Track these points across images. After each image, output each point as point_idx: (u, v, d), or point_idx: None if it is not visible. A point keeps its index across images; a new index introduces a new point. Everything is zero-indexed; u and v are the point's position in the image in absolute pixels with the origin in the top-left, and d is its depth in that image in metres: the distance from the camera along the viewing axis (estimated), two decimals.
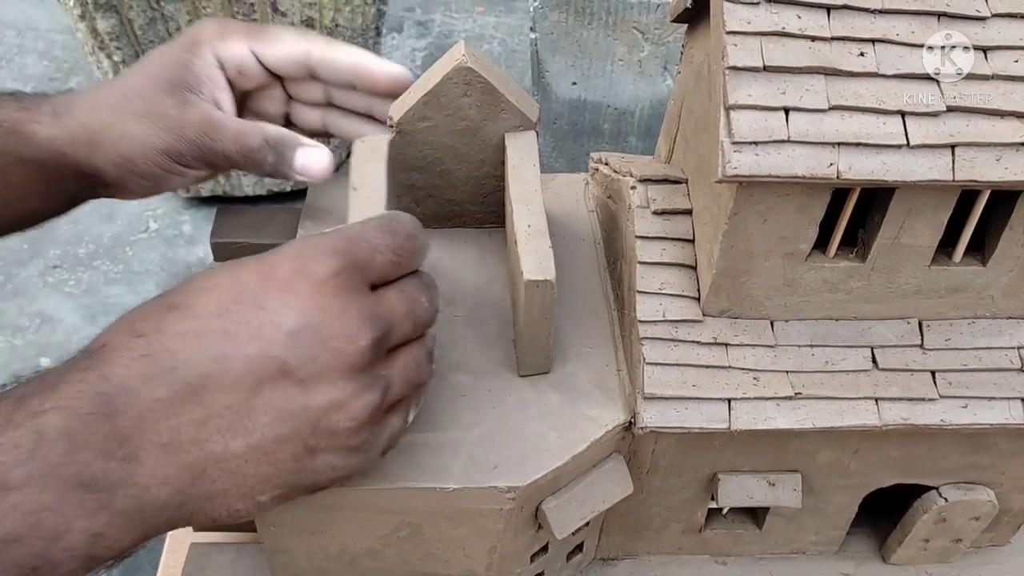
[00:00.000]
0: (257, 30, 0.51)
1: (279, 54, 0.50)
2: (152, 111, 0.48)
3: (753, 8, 0.38)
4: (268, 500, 0.36)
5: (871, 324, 0.45)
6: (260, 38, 0.50)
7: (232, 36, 0.50)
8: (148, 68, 0.50)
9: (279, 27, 0.51)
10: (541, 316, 0.42)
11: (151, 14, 1.03)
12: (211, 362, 0.33)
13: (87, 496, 0.32)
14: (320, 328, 0.34)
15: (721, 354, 0.44)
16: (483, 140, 0.48)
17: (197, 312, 0.34)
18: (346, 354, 0.34)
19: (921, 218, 0.41)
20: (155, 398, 0.33)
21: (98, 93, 0.50)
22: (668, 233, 0.46)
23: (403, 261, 0.37)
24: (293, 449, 0.35)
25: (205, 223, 1.33)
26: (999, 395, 0.44)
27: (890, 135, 0.37)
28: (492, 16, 1.78)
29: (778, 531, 0.53)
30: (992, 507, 0.50)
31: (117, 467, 0.32)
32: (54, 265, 1.27)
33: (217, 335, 0.33)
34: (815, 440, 0.46)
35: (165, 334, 0.34)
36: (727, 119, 0.37)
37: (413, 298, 0.38)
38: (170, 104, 0.48)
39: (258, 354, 0.33)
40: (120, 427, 0.32)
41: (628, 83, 1.00)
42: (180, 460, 0.33)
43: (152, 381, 0.33)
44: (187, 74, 0.49)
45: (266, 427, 0.34)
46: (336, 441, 0.35)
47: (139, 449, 0.33)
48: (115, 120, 0.48)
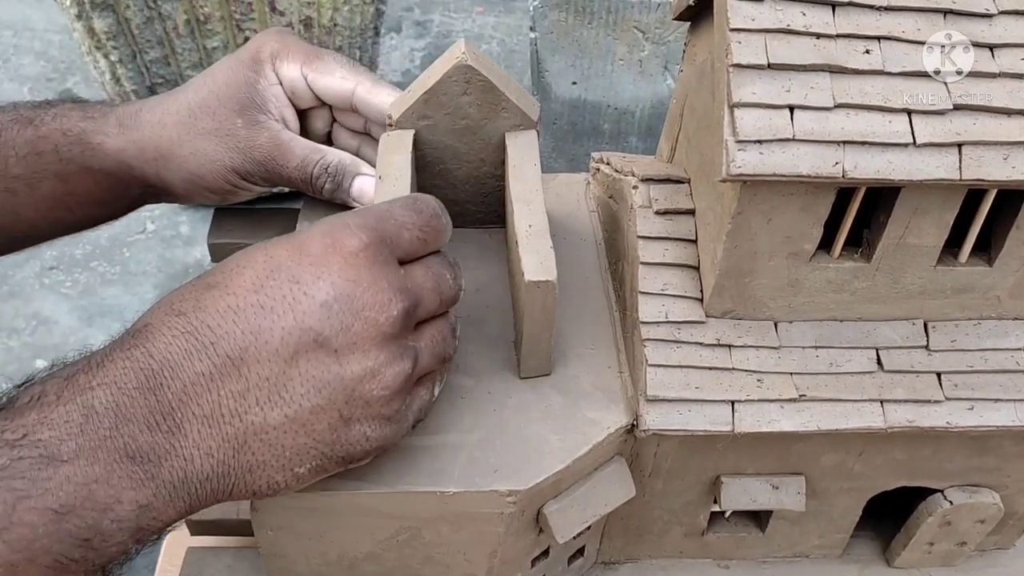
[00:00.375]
0: (313, 56, 0.52)
1: (328, 85, 0.52)
2: (222, 130, 0.50)
3: (757, 5, 0.37)
4: (306, 472, 0.37)
5: (876, 325, 0.44)
6: (314, 66, 0.52)
7: (289, 58, 0.52)
8: (214, 85, 0.51)
9: (333, 56, 0.53)
10: (542, 317, 0.42)
11: (148, 13, 1.02)
12: (249, 335, 0.35)
13: (135, 468, 0.33)
14: (352, 299, 0.35)
15: (724, 356, 0.44)
16: (483, 139, 0.47)
17: (234, 289, 0.35)
18: (378, 323, 0.36)
19: (927, 218, 0.40)
20: (197, 372, 0.34)
21: (164, 107, 0.52)
22: (671, 233, 0.45)
23: (428, 238, 0.39)
24: (329, 419, 0.36)
25: (202, 224, 1.32)
26: (1005, 397, 0.43)
27: (896, 134, 0.37)
28: (491, 16, 1.78)
29: (781, 534, 0.52)
30: (997, 510, 0.49)
31: (162, 439, 0.34)
32: (51, 266, 1.26)
33: (254, 309, 0.35)
34: (819, 442, 0.46)
35: (205, 311, 0.35)
36: (731, 117, 0.37)
37: (439, 274, 0.39)
38: (240, 125, 0.50)
39: (293, 326, 0.35)
40: (164, 401, 0.34)
41: (628, 83, 1.00)
42: (222, 432, 0.34)
43: (193, 356, 0.34)
44: (254, 94, 0.51)
45: (303, 397, 0.35)
46: (370, 410, 0.36)
47: (183, 421, 0.34)
48: (184, 138, 0.51)
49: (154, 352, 0.34)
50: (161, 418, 0.34)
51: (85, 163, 0.52)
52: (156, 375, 0.34)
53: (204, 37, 1.06)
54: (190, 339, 0.34)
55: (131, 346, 0.34)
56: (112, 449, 0.33)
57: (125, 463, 0.33)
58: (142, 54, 1.07)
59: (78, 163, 0.52)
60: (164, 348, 0.34)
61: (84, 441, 0.32)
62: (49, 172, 0.52)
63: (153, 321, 0.35)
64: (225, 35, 1.06)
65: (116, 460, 0.33)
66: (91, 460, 0.32)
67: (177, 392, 0.34)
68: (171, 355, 0.34)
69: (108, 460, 0.32)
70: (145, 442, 0.33)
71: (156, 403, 0.34)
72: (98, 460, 0.32)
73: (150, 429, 0.33)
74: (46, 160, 0.52)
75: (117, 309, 1.21)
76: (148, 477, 0.33)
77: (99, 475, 0.32)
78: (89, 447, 0.32)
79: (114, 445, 0.33)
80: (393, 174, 0.44)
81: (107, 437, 0.33)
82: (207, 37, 1.06)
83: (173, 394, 0.34)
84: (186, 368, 0.34)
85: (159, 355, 0.34)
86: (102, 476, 0.32)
